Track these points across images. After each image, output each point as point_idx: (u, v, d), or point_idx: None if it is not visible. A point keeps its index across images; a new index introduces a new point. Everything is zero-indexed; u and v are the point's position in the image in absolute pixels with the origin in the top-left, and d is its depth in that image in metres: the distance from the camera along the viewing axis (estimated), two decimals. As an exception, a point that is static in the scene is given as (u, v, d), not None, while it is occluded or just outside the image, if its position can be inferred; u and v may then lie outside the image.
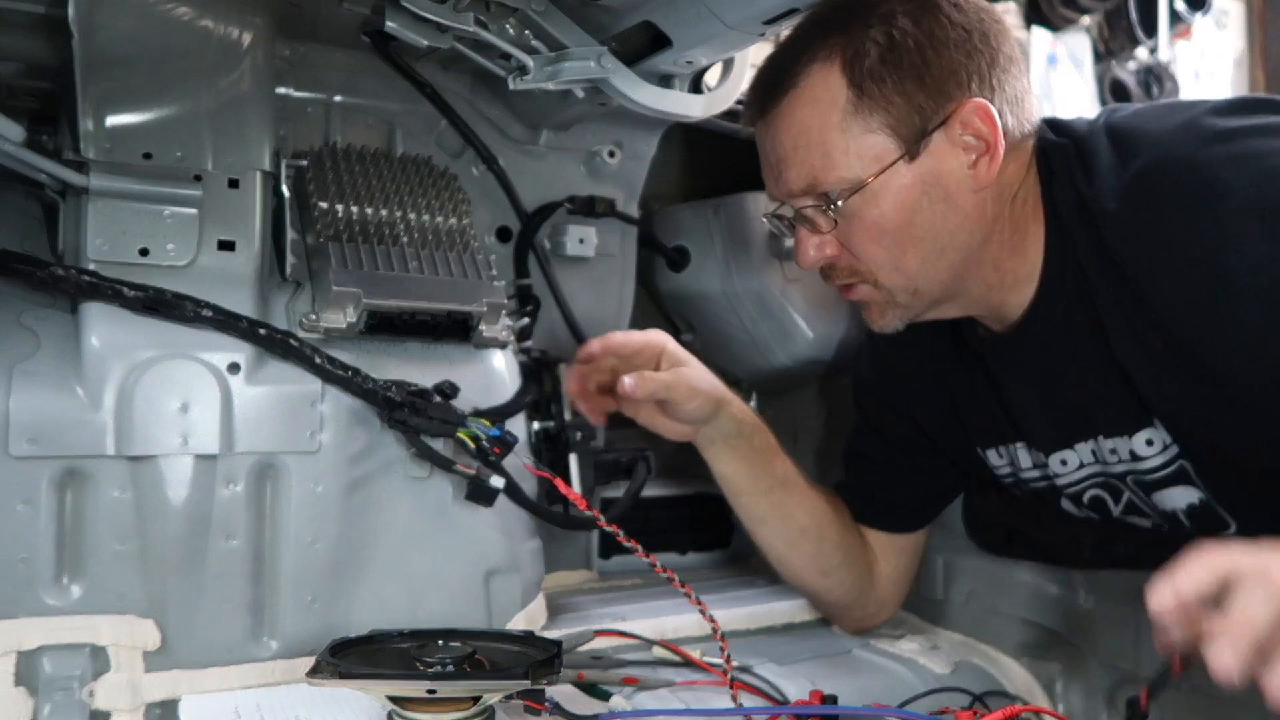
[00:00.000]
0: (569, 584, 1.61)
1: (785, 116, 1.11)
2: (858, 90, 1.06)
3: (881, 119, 1.07)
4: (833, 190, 1.09)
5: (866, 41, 1.06)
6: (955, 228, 1.10)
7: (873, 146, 1.07)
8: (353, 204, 1.25)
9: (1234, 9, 3.20)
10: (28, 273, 1.06)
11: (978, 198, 1.10)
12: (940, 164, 1.08)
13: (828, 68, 1.08)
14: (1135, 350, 1.08)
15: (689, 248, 1.74)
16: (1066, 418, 1.19)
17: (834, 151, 1.08)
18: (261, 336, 1.11)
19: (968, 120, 1.07)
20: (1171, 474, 1.15)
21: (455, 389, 1.17)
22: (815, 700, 1.10)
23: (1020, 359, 1.19)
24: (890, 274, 1.12)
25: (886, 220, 1.09)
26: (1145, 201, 1.03)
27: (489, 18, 1.15)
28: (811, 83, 1.09)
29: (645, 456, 1.47)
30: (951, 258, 1.11)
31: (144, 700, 1.04)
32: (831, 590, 1.40)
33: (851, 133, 1.07)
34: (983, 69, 1.08)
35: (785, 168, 1.12)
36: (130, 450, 1.05)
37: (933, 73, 1.06)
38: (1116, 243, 1.06)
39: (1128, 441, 1.15)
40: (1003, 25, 1.11)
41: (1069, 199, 1.10)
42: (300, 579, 1.12)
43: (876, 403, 1.39)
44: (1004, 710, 0.92)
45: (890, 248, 1.10)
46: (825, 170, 1.09)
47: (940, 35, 1.07)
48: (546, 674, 0.89)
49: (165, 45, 1.08)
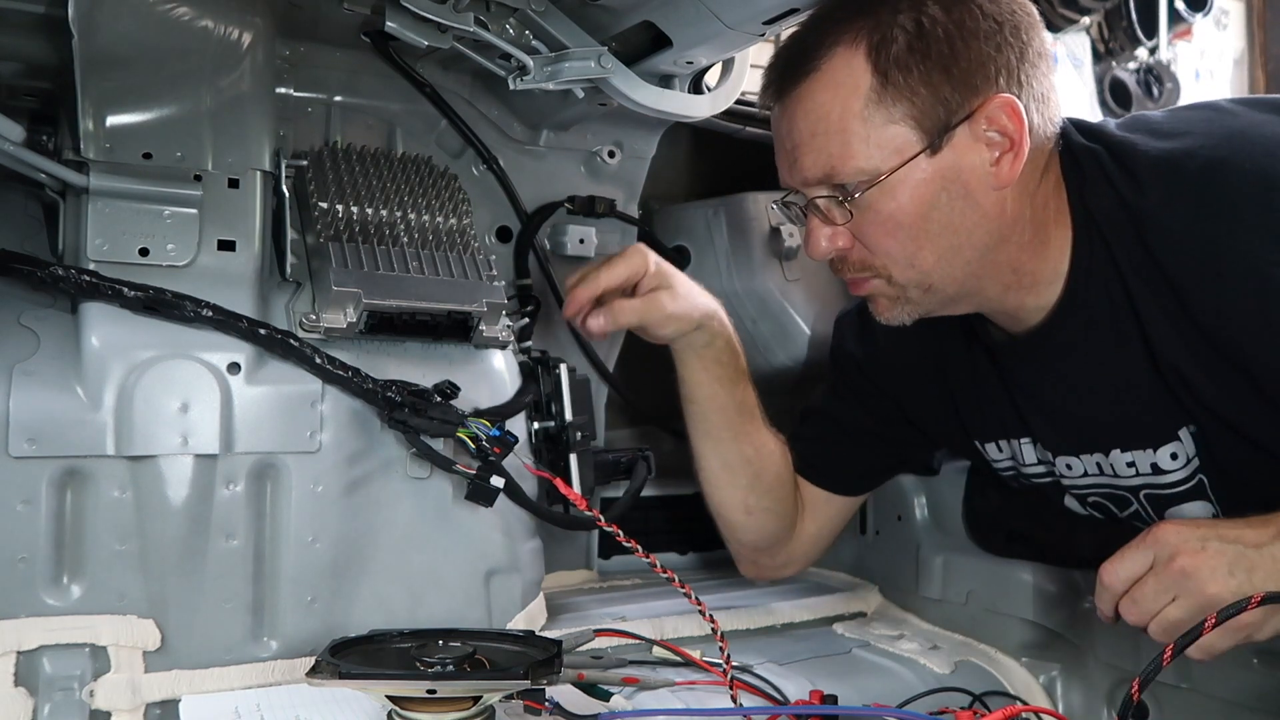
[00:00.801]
0: (569, 584, 1.61)
1: (804, 100, 1.07)
2: (882, 78, 1.03)
3: (905, 109, 1.03)
4: (850, 181, 1.06)
5: (894, 28, 1.03)
6: (973, 225, 1.07)
7: (894, 137, 1.04)
8: (353, 204, 1.25)
9: (1234, 9, 3.21)
10: (28, 273, 1.06)
11: (998, 196, 1.07)
12: (962, 159, 1.05)
13: (852, 52, 1.04)
14: (1183, 353, 1.05)
15: (689, 248, 1.74)
16: (1080, 428, 1.18)
17: (853, 140, 1.04)
18: (261, 336, 1.10)
19: (994, 116, 1.04)
20: (1190, 489, 1.15)
21: (455, 389, 1.17)
22: (815, 700, 1.10)
23: (1039, 363, 1.17)
24: (904, 269, 1.09)
25: (903, 214, 1.06)
26: (1197, 206, 1.01)
27: (489, 18, 1.15)
28: (834, 66, 1.05)
29: (645, 456, 1.48)
30: (968, 256, 1.09)
31: (144, 700, 1.04)
32: (748, 530, 1.40)
33: (873, 122, 1.04)
34: (1011, 63, 1.05)
35: (801, 154, 1.08)
36: (130, 450, 1.05)
37: (961, 65, 1.03)
38: (1161, 246, 1.03)
39: (1150, 455, 1.14)
40: (1034, 19, 1.08)
41: (1106, 202, 1.07)
42: (300, 579, 1.12)
43: (859, 376, 1.38)
44: (1004, 710, 0.92)
45: (905, 242, 1.08)
46: (843, 159, 1.05)
47: (971, 26, 1.03)
48: (546, 674, 0.89)
49: (165, 45, 1.08)
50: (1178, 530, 0.98)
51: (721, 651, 1.08)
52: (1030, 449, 1.26)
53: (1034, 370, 1.19)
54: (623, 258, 1.26)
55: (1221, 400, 1.06)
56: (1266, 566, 0.94)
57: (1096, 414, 1.16)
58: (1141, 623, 0.98)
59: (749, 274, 1.66)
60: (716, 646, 1.11)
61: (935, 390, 1.31)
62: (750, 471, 1.36)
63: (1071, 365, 1.15)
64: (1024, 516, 1.41)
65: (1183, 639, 0.90)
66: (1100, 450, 1.18)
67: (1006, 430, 1.27)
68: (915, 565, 1.53)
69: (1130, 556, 0.99)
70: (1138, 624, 0.99)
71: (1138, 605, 0.99)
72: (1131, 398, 1.12)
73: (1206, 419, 1.09)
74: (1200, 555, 0.95)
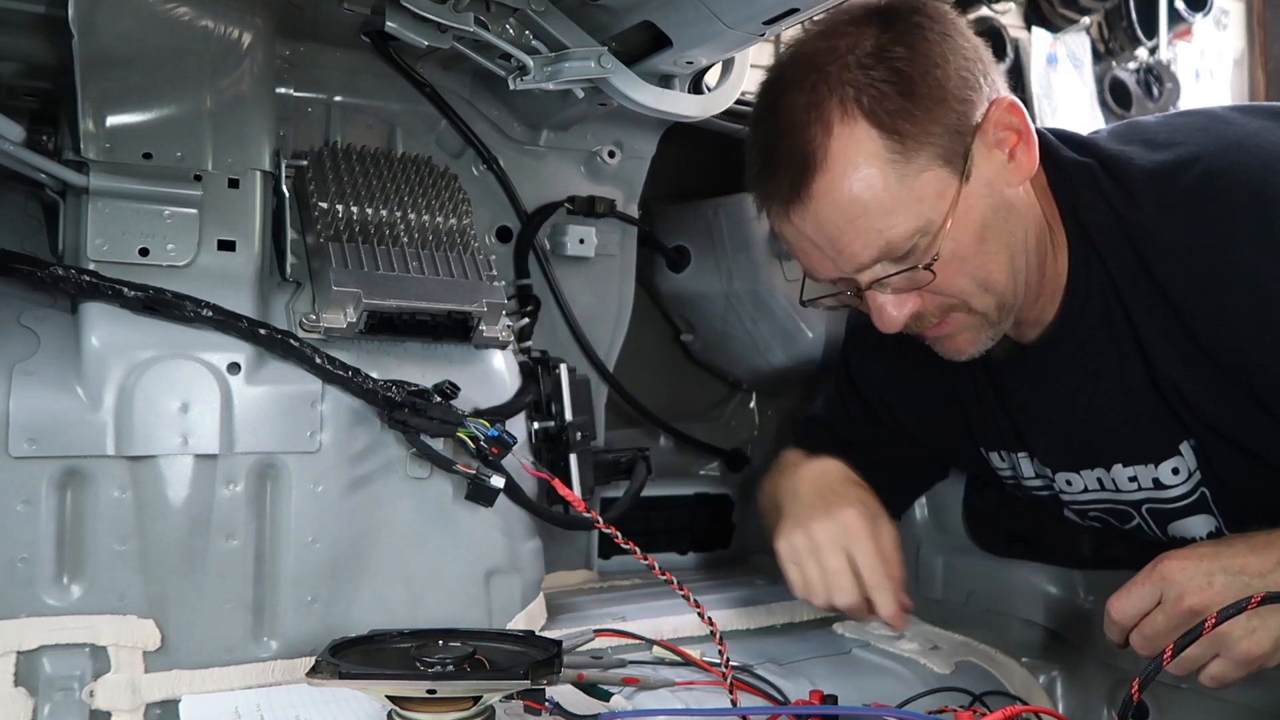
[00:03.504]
0: (569, 584, 1.61)
1: (825, 196, 1.02)
2: (895, 136, 1.00)
3: (928, 154, 1.01)
4: (909, 246, 1.01)
5: (876, 82, 1.00)
6: (1018, 228, 1.07)
7: (930, 184, 1.01)
8: (353, 204, 1.25)
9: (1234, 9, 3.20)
10: (28, 273, 1.06)
11: (1025, 191, 1.07)
12: (987, 169, 1.04)
13: (850, 127, 1.01)
14: (1181, 369, 1.05)
15: (689, 248, 1.74)
16: (1081, 442, 1.17)
17: (897, 208, 1.01)
18: (261, 336, 1.10)
19: (997, 118, 1.04)
20: (1193, 503, 1.14)
21: (455, 389, 1.17)
22: (815, 700, 1.10)
23: (1037, 377, 1.17)
24: (980, 297, 1.07)
25: (964, 249, 1.03)
26: (1194, 219, 1.00)
27: (489, 18, 1.15)
28: (841, 148, 1.01)
29: (645, 456, 1.48)
30: (1025, 259, 1.08)
31: (144, 700, 1.04)
32: None
33: (906, 180, 1.01)
34: (982, 63, 1.06)
35: (844, 244, 1.04)
36: (130, 450, 1.05)
37: (949, 87, 1.02)
38: (1158, 261, 1.03)
39: (1152, 470, 1.14)
40: (960, 19, 1.08)
41: (1101, 218, 1.07)
42: (300, 579, 1.12)
43: (879, 407, 1.38)
44: (1004, 710, 0.92)
45: (975, 272, 1.05)
46: (895, 230, 1.01)
47: (936, 50, 1.03)
48: (546, 674, 0.89)
49: (165, 45, 1.08)
50: (1183, 567, 0.98)
51: (720, 654, 1.08)
52: (1028, 463, 1.26)
53: (1031, 386, 1.18)
54: (890, 554, 1.19)
55: (1221, 415, 1.06)
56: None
57: (1096, 430, 1.15)
58: (1153, 655, 0.97)
59: (748, 274, 1.66)
60: (716, 647, 1.11)
61: (943, 400, 1.30)
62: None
63: (1069, 381, 1.14)
64: (1024, 517, 1.41)
65: (1182, 639, 0.90)
66: (1101, 465, 1.17)
67: (1005, 443, 1.27)
68: (915, 565, 1.53)
69: (1137, 593, 1.00)
70: (1150, 656, 0.98)
71: (1150, 642, 0.99)
72: (1130, 414, 1.11)
73: (1206, 434, 1.09)
74: (1207, 592, 0.95)
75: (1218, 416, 1.06)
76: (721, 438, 1.89)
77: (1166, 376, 1.07)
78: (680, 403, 1.86)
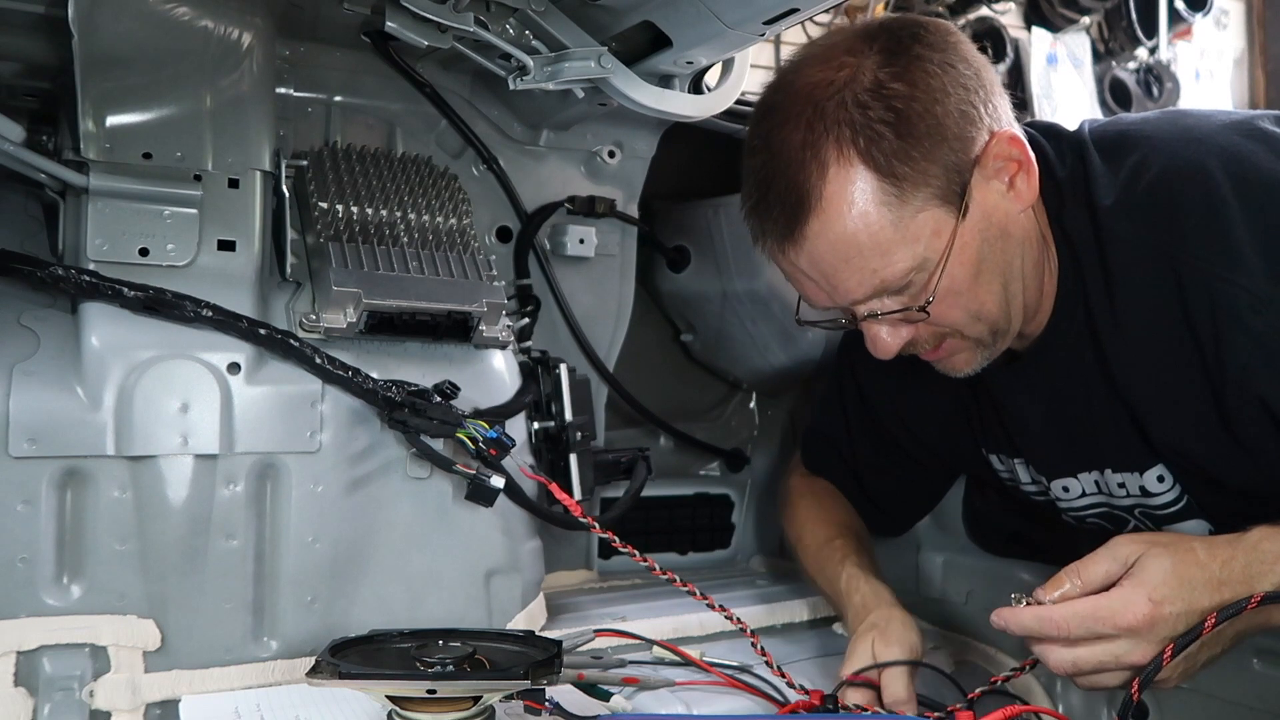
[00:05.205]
0: (569, 584, 1.61)
1: (820, 236, 1.01)
2: (891, 178, 0.98)
3: (924, 194, 0.99)
4: (903, 283, 1.01)
5: (873, 122, 0.98)
6: (1014, 256, 1.06)
7: (926, 223, 1.00)
8: (353, 204, 1.25)
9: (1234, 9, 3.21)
10: (28, 273, 1.06)
11: (1025, 216, 1.06)
12: (985, 202, 1.03)
13: (846, 168, 0.99)
14: (1137, 382, 1.05)
15: (689, 248, 1.74)
16: (1072, 447, 1.17)
17: (892, 249, 1.00)
18: (261, 336, 1.10)
19: (997, 150, 1.02)
20: (1182, 509, 1.14)
21: (455, 389, 1.17)
22: (815, 700, 1.10)
23: (1026, 385, 1.17)
24: (974, 325, 1.07)
25: (958, 283, 1.03)
26: (1149, 220, 1.00)
27: (489, 18, 1.15)
28: (837, 190, 0.99)
29: (645, 456, 1.48)
30: (1018, 286, 1.07)
31: (144, 700, 1.04)
32: None
33: (902, 221, 0.99)
34: (983, 96, 1.03)
35: (839, 280, 1.03)
36: (130, 450, 1.05)
37: (947, 124, 1.00)
38: (1119, 265, 1.03)
39: (1138, 478, 1.13)
40: (967, 41, 1.06)
41: (1081, 226, 1.06)
42: (300, 579, 1.12)
43: (886, 419, 1.38)
44: (1004, 710, 0.92)
45: (969, 304, 1.05)
46: (889, 267, 1.01)
47: (935, 84, 1.00)
48: (546, 674, 0.89)
49: (165, 45, 1.08)
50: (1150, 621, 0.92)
51: (754, 647, 1.09)
52: (1024, 469, 1.26)
53: (1022, 393, 1.18)
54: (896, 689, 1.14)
55: (1180, 432, 1.05)
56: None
57: (1083, 438, 1.15)
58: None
59: (749, 274, 1.66)
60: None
61: (947, 403, 1.30)
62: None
63: (1056, 387, 1.14)
64: (1024, 517, 1.41)
65: (1182, 639, 0.90)
66: (1095, 468, 1.17)
67: (1000, 448, 1.28)
68: (915, 565, 1.53)
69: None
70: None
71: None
72: (1114, 424, 1.11)
73: (1172, 456, 1.09)
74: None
75: (1171, 433, 1.06)
76: (721, 438, 1.89)
77: (1125, 386, 1.07)
78: (680, 403, 1.86)
